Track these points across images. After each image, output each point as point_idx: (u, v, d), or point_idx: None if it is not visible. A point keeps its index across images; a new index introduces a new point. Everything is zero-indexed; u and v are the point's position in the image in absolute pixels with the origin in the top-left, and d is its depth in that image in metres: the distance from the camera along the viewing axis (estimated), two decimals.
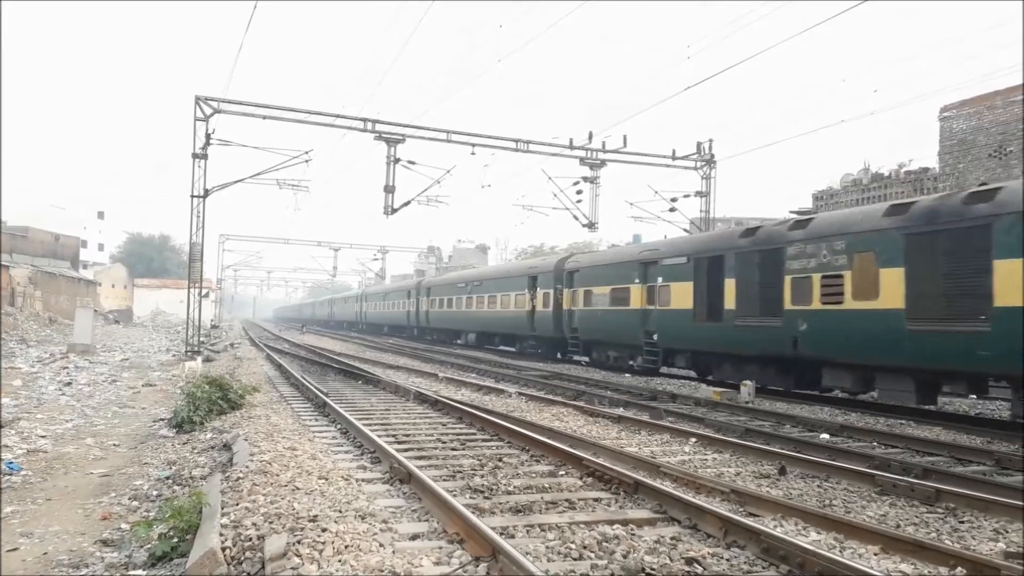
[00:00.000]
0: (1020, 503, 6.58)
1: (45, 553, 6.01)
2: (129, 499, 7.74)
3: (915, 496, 7.10)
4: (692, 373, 20.10)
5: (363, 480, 7.30)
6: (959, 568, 4.89)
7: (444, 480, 7.28)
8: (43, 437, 10.85)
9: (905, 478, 7.58)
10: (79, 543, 6.29)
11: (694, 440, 10.19)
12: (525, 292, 28.22)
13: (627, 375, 20.78)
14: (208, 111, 25.15)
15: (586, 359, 24.86)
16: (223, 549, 4.97)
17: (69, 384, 17.51)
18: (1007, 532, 6.12)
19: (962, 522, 6.42)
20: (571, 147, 28.54)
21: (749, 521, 5.63)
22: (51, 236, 55.92)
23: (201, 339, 29.88)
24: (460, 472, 7.75)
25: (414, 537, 5.48)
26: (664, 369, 21.07)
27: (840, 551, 5.30)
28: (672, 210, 30.25)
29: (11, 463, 8.90)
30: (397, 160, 26.40)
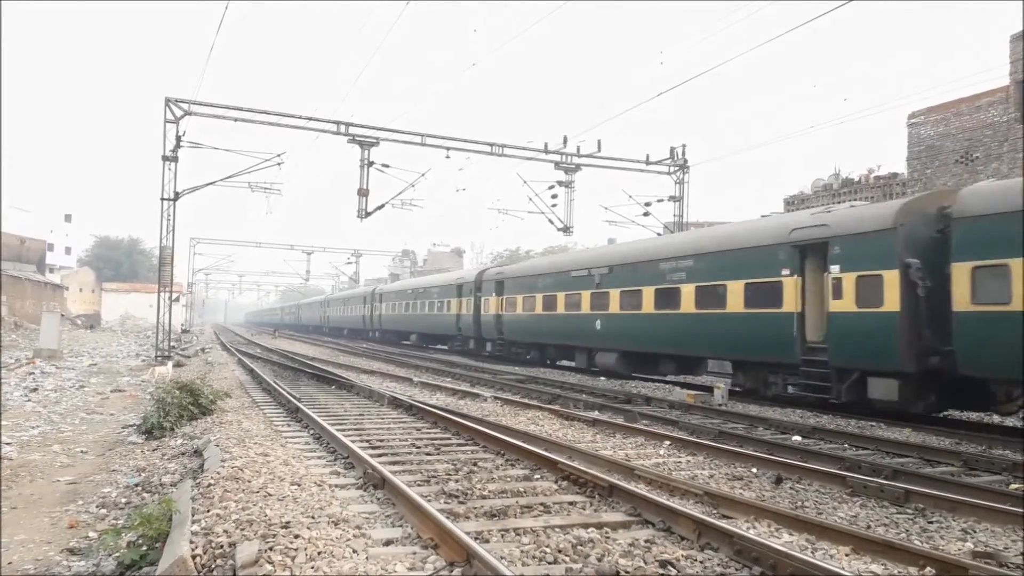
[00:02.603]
0: (986, 503, 6.72)
1: (10, 563, 5.87)
2: (97, 507, 7.60)
3: (885, 497, 7.20)
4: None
5: (336, 486, 7.24)
6: (928, 568, 4.97)
7: (418, 485, 7.24)
8: (8, 444, 10.61)
9: (875, 479, 7.68)
10: (45, 552, 6.16)
11: (668, 443, 10.25)
12: (361, 305, 52.87)
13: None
14: (179, 113, 24.88)
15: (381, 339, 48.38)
16: (193, 557, 4.90)
17: (35, 390, 17.17)
18: (975, 532, 6.23)
19: (931, 522, 6.52)
20: (546, 151, 28.62)
21: (722, 523, 5.67)
22: (16, 239, 54.79)
23: (171, 344, 29.52)
24: (435, 477, 7.72)
25: (388, 543, 5.44)
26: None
27: (812, 552, 5.36)
28: (646, 214, 30.46)
29: None
30: (371, 163, 26.26)
